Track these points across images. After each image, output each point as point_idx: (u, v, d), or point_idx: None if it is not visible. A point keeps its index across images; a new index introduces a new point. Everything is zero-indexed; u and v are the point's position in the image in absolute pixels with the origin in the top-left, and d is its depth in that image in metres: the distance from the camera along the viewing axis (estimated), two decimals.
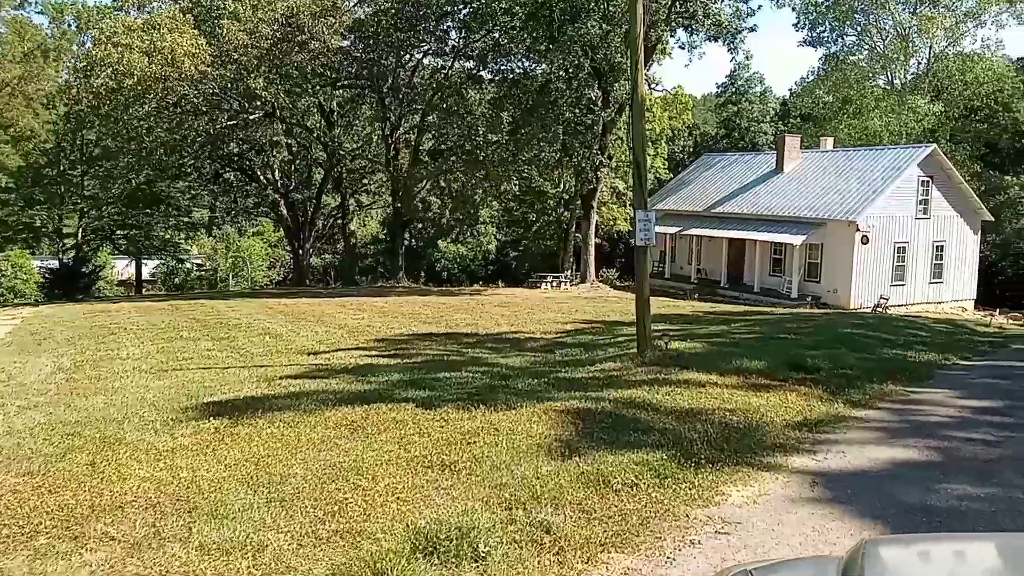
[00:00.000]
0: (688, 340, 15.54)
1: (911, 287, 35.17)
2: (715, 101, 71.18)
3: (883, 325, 20.11)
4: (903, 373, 12.11)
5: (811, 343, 15.11)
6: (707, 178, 43.57)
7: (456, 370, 12.04)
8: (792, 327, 18.42)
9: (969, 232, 36.62)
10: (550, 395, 9.62)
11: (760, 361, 12.47)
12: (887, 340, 16.32)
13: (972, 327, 22.35)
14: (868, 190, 34.45)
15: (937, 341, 16.88)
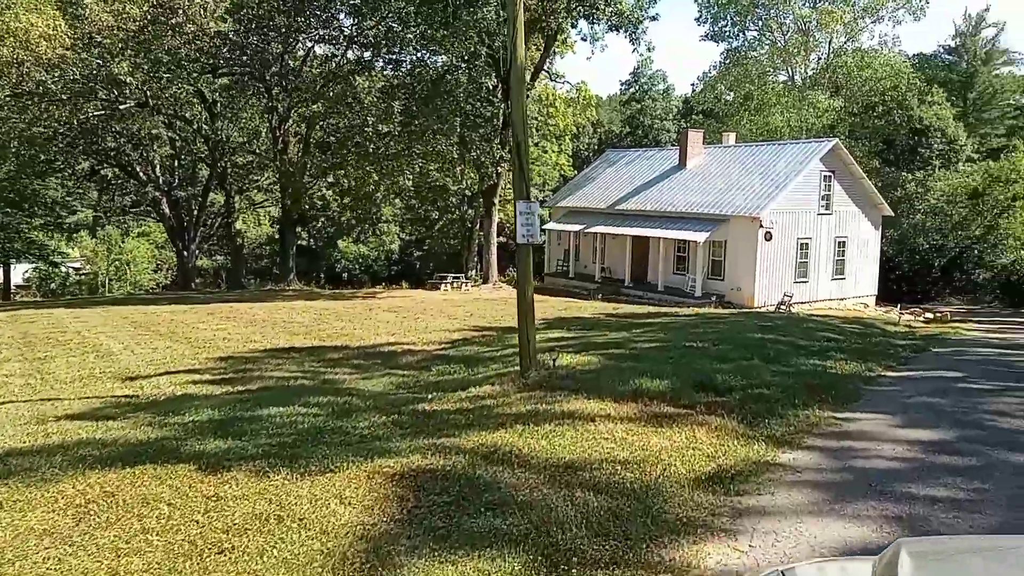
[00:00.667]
0: (584, 352, 13.30)
1: (814, 284, 34.12)
2: (620, 99, 69.92)
3: (793, 327, 18.39)
4: (827, 391, 10.12)
5: (719, 353, 13.08)
6: (610, 175, 41.84)
7: (289, 403, 9.43)
8: (698, 332, 16.45)
9: (870, 227, 35.87)
10: (390, 444, 7.14)
11: (663, 380, 10.30)
12: (801, 347, 14.48)
13: (883, 327, 20.95)
14: (771, 185, 33.20)
15: (854, 346, 15.16)
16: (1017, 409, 9.38)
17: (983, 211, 45.10)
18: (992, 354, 14.81)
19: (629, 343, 14.82)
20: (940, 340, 17.44)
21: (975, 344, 16.88)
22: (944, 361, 13.75)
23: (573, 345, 14.58)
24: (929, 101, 50.47)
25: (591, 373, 10.97)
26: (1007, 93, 56.69)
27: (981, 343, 17.10)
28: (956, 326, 22.32)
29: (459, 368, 12.95)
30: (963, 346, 16.38)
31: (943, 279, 46.37)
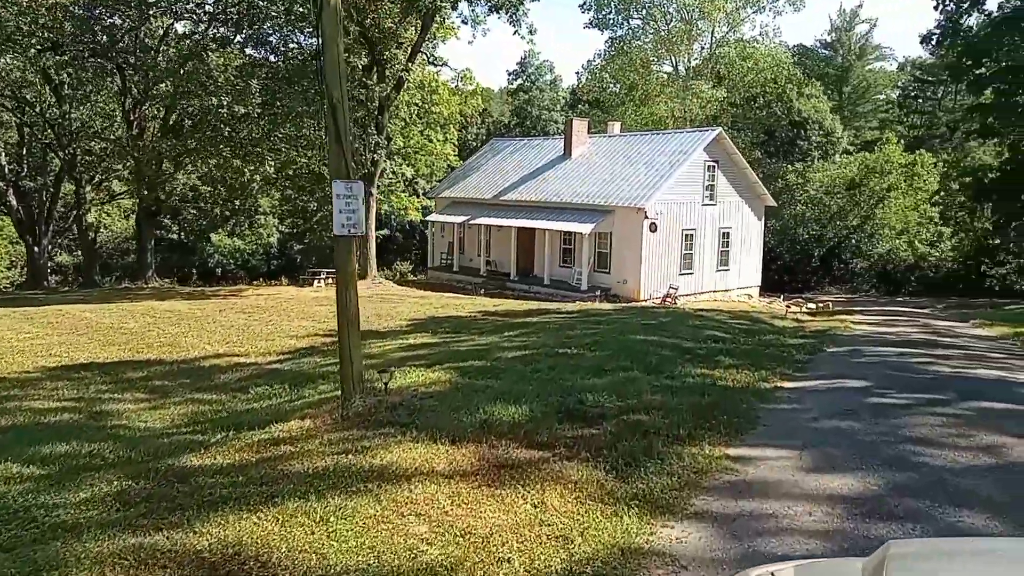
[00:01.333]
0: (437, 366, 10.96)
1: (699, 276, 32.91)
2: (509, 90, 67.85)
3: (678, 325, 16.60)
4: (718, 415, 8.13)
5: (596, 362, 11.00)
6: (495, 164, 39.67)
7: (5, 457, 6.69)
8: (576, 335, 14.39)
9: (753, 218, 34.97)
10: (77, 546, 4.58)
11: (521, 406, 8.09)
12: (687, 351, 12.59)
13: (770, 321, 19.49)
14: (655, 176, 31.74)
15: (744, 347, 13.41)
16: (941, 434, 7.60)
17: (860, 201, 45.30)
18: (890, 355, 13.31)
19: (496, 351, 12.57)
20: (832, 337, 15.97)
21: (869, 341, 15.47)
22: (843, 365, 12.09)
23: (429, 356, 12.22)
24: (808, 94, 50.58)
25: (434, 398, 8.63)
26: (879, 87, 57.70)
27: (875, 340, 15.72)
28: (843, 319, 21.14)
29: (282, 390, 10.41)
30: (857, 344, 14.90)
31: (822, 268, 46.44)
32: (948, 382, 10.54)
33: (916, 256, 44.01)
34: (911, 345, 14.76)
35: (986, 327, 19.70)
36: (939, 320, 22.60)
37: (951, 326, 20.19)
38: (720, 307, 31.02)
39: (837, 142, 50.82)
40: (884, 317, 23.07)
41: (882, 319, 22.32)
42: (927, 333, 17.55)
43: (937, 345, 14.78)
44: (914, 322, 21.83)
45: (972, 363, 12.43)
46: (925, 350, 13.97)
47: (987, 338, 17.24)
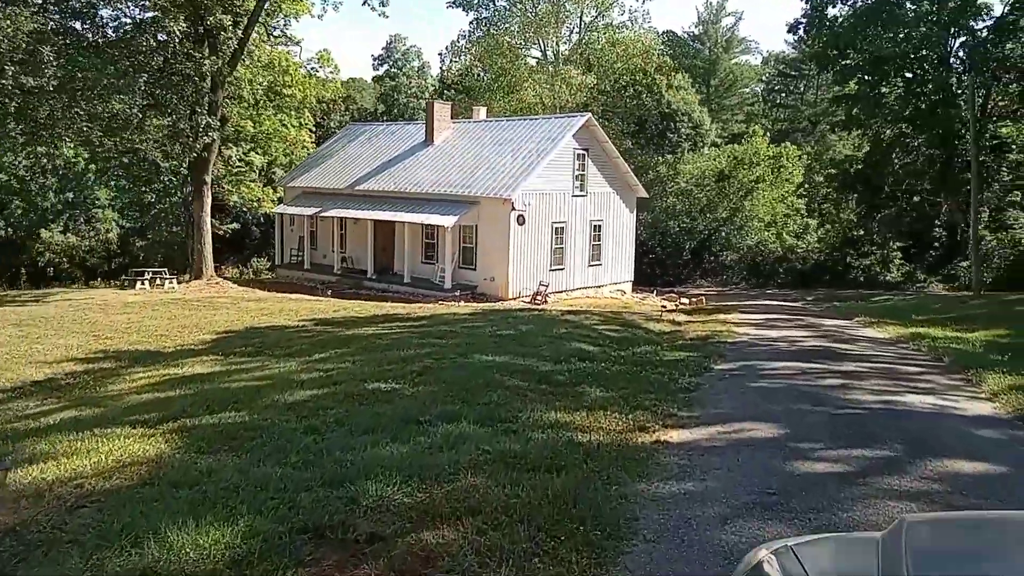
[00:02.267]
0: (164, 425, 7.17)
1: (571, 271, 30.04)
2: (375, 76, 63.38)
3: (540, 335, 13.39)
4: (573, 524, 4.80)
5: (410, 407, 7.54)
6: (351, 151, 35.57)
7: None
8: (408, 356, 10.86)
9: (625, 210, 32.42)
10: None
11: (239, 523, 4.52)
12: (544, 376, 9.35)
13: (645, 325, 16.61)
14: (523, 163, 28.58)
15: (616, 368, 10.30)
16: None
17: (729, 193, 43.86)
18: (793, 374, 10.48)
19: (279, 389, 8.84)
20: (717, 348, 13.12)
21: (761, 353, 12.70)
22: (742, 394, 9.09)
23: (172, 402, 8.36)
24: (677, 86, 48.88)
25: (88, 509, 4.88)
26: (745, 80, 56.99)
27: (767, 350, 12.97)
28: (723, 320, 18.53)
29: None
30: (749, 357, 12.07)
31: (694, 261, 44.78)
32: (882, 421, 7.67)
33: (784, 248, 42.97)
34: (811, 357, 12.03)
35: (875, 327, 17.49)
36: (823, 319, 20.41)
37: (839, 326, 17.89)
38: (593, 305, 28.28)
39: (706, 134, 49.39)
40: (764, 316, 20.70)
41: (763, 318, 19.89)
42: (819, 337, 15.03)
43: (841, 357, 12.13)
44: (798, 321, 19.50)
45: (893, 385, 9.73)
46: (830, 364, 11.25)
47: (884, 341, 14.87)
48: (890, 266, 40.50)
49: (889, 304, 29.28)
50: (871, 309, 24.67)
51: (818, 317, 21.29)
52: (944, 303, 24.67)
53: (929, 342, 13.92)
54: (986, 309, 20.95)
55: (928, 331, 15.86)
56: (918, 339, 14.61)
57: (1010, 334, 14.64)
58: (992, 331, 15.59)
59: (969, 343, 13.62)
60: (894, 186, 40.68)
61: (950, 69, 35.54)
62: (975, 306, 21.98)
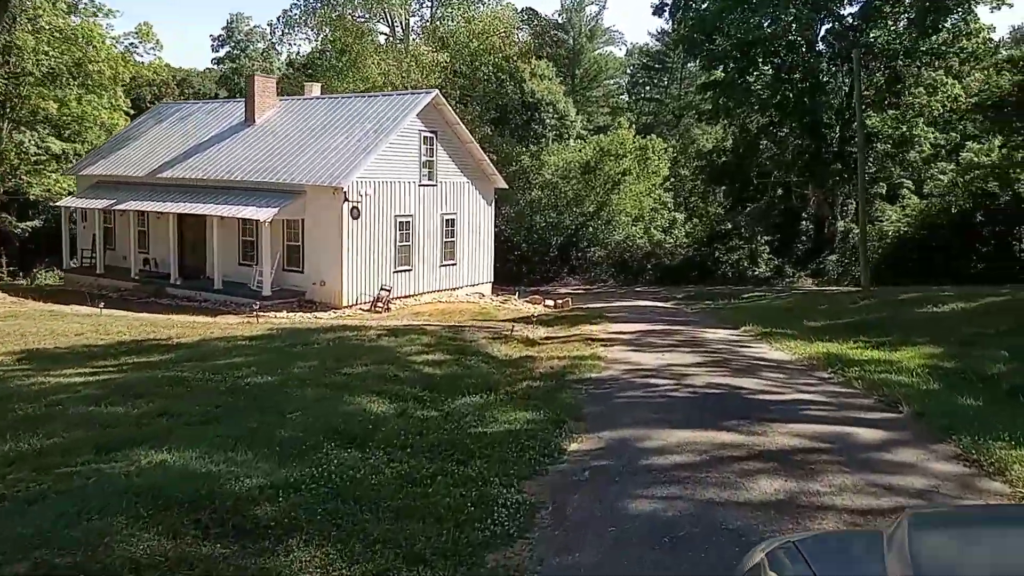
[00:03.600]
0: None
1: (419, 273, 25.18)
2: (215, 58, 55.97)
3: (309, 386, 8.55)
4: None
5: None
6: (159, 133, 29.28)
7: None
8: (79, 440, 5.71)
9: (482, 202, 27.84)
10: None
11: None
12: (232, 508, 4.51)
13: (488, 351, 12.01)
14: (358, 147, 23.49)
15: (389, 474, 5.60)
16: None
17: (596, 186, 40.20)
18: (695, 464, 6.06)
19: None
20: (574, 393, 8.71)
21: (637, 404, 8.33)
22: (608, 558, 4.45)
23: None
24: (540, 74, 44.91)
25: None
26: (610, 71, 53.84)
27: (647, 402, 8.52)
28: (589, 338, 14.17)
29: None
30: (620, 420, 7.57)
31: (561, 258, 40.89)
32: None
33: (652, 243, 39.74)
34: (715, 415, 7.68)
35: (771, 341, 13.60)
36: (704, 328, 16.44)
37: (728, 341, 13.90)
38: (444, 311, 23.56)
39: (571, 126, 45.72)
40: (636, 327, 16.55)
41: (636, 330, 15.73)
42: (713, 366, 10.82)
43: (757, 411, 7.81)
44: (677, 333, 15.44)
45: (868, 485, 5.42)
46: (748, 434, 6.90)
47: (795, 368, 10.87)
48: (758, 261, 37.98)
49: (765, 303, 26.11)
50: (752, 311, 21.14)
51: (698, 325, 17.36)
52: (831, 303, 21.46)
53: (858, 372, 9.99)
54: (884, 312, 17.66)
55: (843, 350, 12.06)
56: (838, 365, 10.69)
57: (952, 356, 10.94)
58: (921, 348, 11.93)
59: (910, 372, 9.76)
60: (762, 178, 38.23)
61: (819, 56, 33.06)
62: (869, 308, 18.72)
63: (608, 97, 54.76)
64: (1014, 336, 12.61)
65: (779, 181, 37.92)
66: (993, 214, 33.56)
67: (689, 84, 53.57)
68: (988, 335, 13.18)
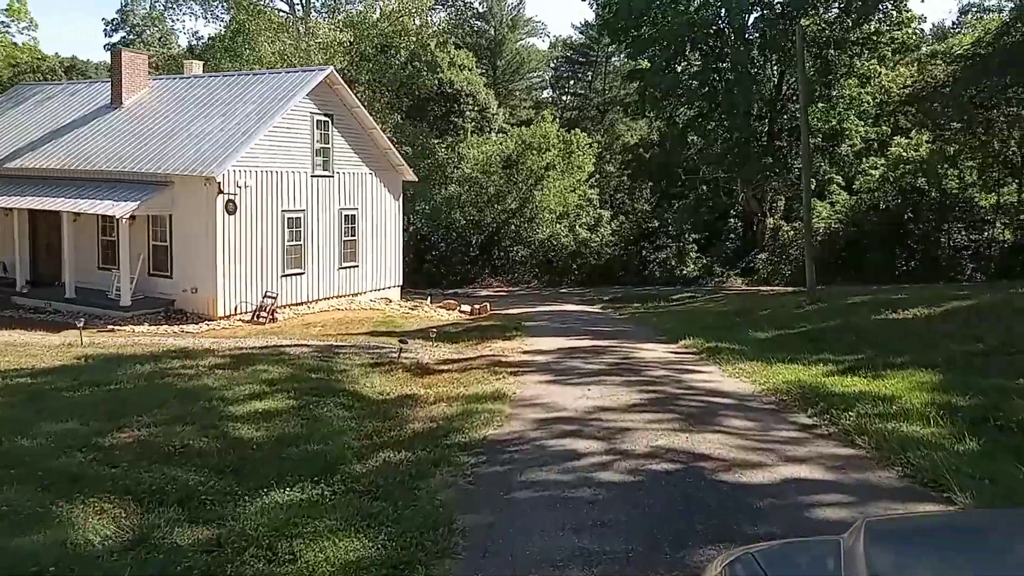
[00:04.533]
0: None
1: (314, 277, 21.58)
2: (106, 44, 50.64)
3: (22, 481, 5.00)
4: None
5: None
6: (13, 119, 24.79)
7: None
8: None
9: (389, 196, 24.36)
10: None
11: None
12: None
13: (354, 388, 8.72)
14: (236, 131, 19.78)
15: None
16: None
17: (518, 181, 37.16)
18: None
19: None
20: (453, 472, 5.54)
21: (546, 501, 5.14)
22: None
23: None
24: (460, 64, 41.62)
25: None
26: (533, 64, 50.96)
27: (551, 496, 5.27)
28: (495, 362, 10.98)
29: None
30: (504, 544, 4.37)
31: (483, 258, 37.72)
32: None
33: (577, 242, 36.93)
34: (679, 532, 4.56)
35: (722, 365, 10.69)
36: (639, 343, 13.45)
37: (671, 365, 10.91)
38: (341, 321, 20.07)
39: (493, 119, 42.59)
40: (559, 343, 13.47)
41: (558, 349, 12.63)
42: (656, 409, 7.75)
43: (751, 518, 4.72)
44: (608, 351, 12.42)
45: None
46: None
47: (765, 408, 7.91)
48: (686, 260, 35.63)
49: (698, 306, 23.53)
50: (687, 317, 18.44)
51: (629, 338, 14.39)
52: (774, 308, 18.87)
53: (852, 418, 7.13)
54: (837, 319, 15.07)
55: (815, 377, 9.25)
56: (818, 403, 7.82)
57: (956, 387, 8.18)
58: (909, 373, 9.21)
59: (921, 417, 6.97)
60: (690, 174, 35.91)
61: (749, 44, 30.77)
62: (818, 314, 16.11)
63: (531, 90, 51.89)
64: (1008, 353, 10.06)
65: (707, 177, 35.66)
66: (922, 211, 31.99)
67: (614, 78, 51.12)
68: (977, 353, 10.60)
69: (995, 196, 31.72)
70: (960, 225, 32.22)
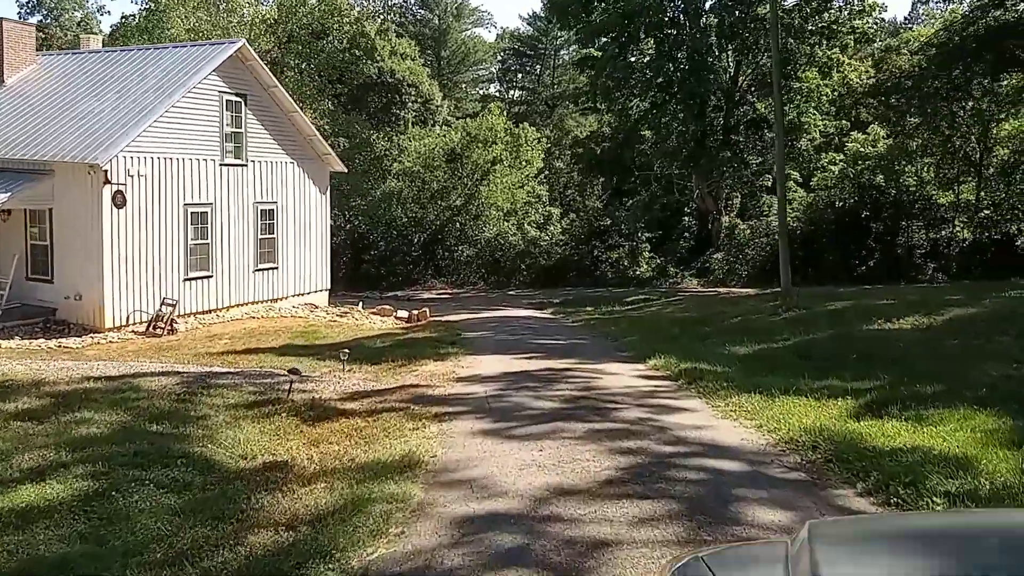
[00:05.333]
0: None
1: (224, 280, 18.51)
2: None
3: None
4: None
5: None
6: None
7: None
8: None
9: (314, 189, 21.38)
10: None
11: None
12: None
13: (218, 444, 5.95)
14: (129, 112, 16.65)
15: None
16: None
17: (463, 176, 34.44)
18: None
19: None
20: None
21: None
22: None
23: None
24: (401, 53, 38.70)
25: None
26: (479, 55, 48.26)
27: None
28: (422, 390, 8.37)
29: None
30: None
31: (426, 258, 34.88)
32: None
33: (526, 241, 34.36)
34: None
35: (709, 395, 8.23)
36: (601, 365, 10.89)
37: (642, 395, 8.40)
38: (254, 330, 17.09)
39: (436, 111, 39.78)
40: (505, 362, 10.90)
41: (503, 372, 10.05)
42: (636, 477, 5.25)
43: None
44: (561, 377, 9.85)
45: None
46: None
47: (797, 485, 5.37)
48: (639, 260, 33.40)
49: (656, 310, 21.23)
50: (649, 327, 16.04)
51: (588, 357, 11.84)
52: (743, 313, 16.57)
53: (930, 504, 4.60)
54: (825, 330, 12.82)
55: (840, 422, 6.82)
56: (872, 472, 5.41)
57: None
58: (964, 416, 6.85)
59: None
60: (643, 170, 33.71)
61: (705, 31, 28.63)
62: (800, 323, 13.82)
63: (477, 83, 49.25)
64: None
65: (660, 173, 33.50)
66: (880, 208, 30.36)
67: (563, 72, 48.80)
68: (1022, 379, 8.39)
69: (952, 194, 30.31)
70: (919, 223, 30.70)
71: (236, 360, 11.70)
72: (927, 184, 30.19)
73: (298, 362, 11.66)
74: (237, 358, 11.91)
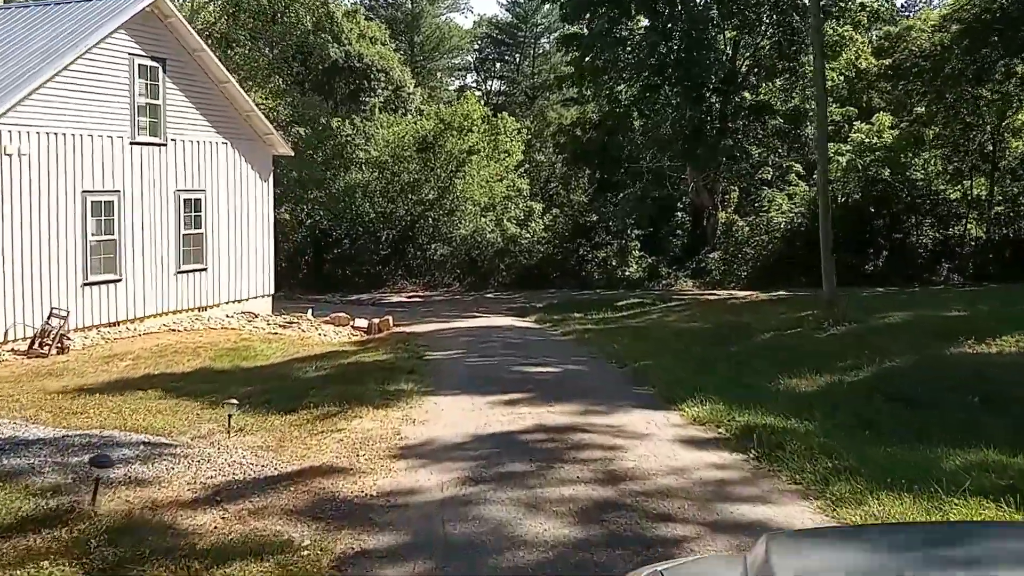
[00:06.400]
0: None
1: (135, 285, 14.77)
2: None
3: None
4: None
5: None
6: None
7: None
8: None
9: (253, 175, 17.64)
10: None
11: None
12: None
13: None
14: (11, 76, 12.94)
15: None
16: None
17: (436, 168, 30.87)
18: None
19: None
20: None
21: None
22: None
23: None
24: (371, 37, 35.10)
25: None
26: (455, 41, 44.73)
27: None
28: (332, 495, 4.96)
29: None
30: None
31: (395, 257, 31.27)
32: None
33: (506, 238, 30.84)
34: None
35: (824, 499, 4.77)
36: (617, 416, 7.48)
37: (727, 516, 4.91)
38: (168, 348, 13.42)
39: (409, 99, 36.17)
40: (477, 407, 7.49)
41: (475, 431, 6.73)
42: None
43: None
44: (566, 450, 6.46)
45: None
46: None
47: None
48: (629, 260, 30.09)
49: (658, 318, 17.89)
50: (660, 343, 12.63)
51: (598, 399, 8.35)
52: (777, 330, 13.12)
53: None
54: (904, 355, 9.51)
55: None
56: None
57: None
58: None
59: None
60: (632, 161, 30.38)
61: (704, 8, 25.35)
62: (860, 343, 10.48)
63: (453, 72, 45.81)
64: None
65: (651, 166, 30.16)
66: (889, 204, 27.30)
67: (544, 61, 45.35)
68: None
69: (961, 189, 27.35)
70: (930, 220, 27.70)
71: (90, 404, 8.08)
72: (935, 178, 27.20)
73: (190, 404, 8.13)
74: (98, 400, 8.28)
